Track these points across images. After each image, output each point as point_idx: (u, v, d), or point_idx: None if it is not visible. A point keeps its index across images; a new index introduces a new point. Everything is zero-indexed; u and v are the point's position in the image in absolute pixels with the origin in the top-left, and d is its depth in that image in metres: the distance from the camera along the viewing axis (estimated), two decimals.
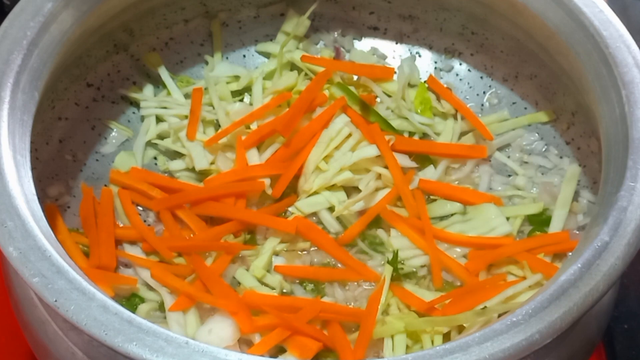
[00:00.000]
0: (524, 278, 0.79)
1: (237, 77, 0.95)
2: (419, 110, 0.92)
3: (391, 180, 0.84)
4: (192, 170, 0.87)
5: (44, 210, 0.66)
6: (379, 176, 0.85)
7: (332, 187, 0.85)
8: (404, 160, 0.86)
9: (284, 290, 0.80)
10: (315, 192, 0.85)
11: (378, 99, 0.92)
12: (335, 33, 0.99)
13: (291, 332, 0.73)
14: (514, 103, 0.94)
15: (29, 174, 0.68)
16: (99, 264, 0.79)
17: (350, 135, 0.86)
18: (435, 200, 0.86)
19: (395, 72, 0.95)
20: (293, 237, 0.83)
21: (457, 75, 0.97)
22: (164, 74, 0.93)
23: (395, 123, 0.89)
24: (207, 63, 0.96)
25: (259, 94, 0.91)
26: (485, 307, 0.74)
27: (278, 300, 0.77)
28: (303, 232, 0.82)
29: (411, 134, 0.90)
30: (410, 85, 0.95)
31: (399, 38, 0.98)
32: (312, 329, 0.73)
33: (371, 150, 0.85)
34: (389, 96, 0.93)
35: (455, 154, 0.89)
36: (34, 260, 0.60)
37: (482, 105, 0.95)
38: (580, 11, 0.77)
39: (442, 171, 0.88)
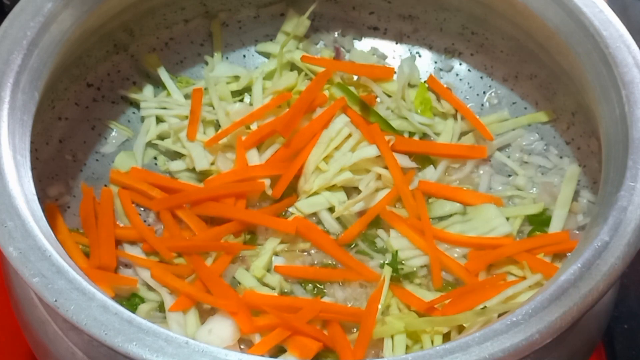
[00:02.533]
0: (524, 278, 0.79)
1: (237, 77, 0.94)
2: (419, 111, 0.92)
3: (391, 181, 0.84)
4: (193, 170, 0.87)
5: (44, 210, 0.66)
6: (379, 176, 0.85)
7: (332, 188, 0.85)
8: (404, 161, 0.86)
9: (284, 290, 0.80)
10: (315, 193, 0.84)
11: (378, 99, 0.92)
12: (335, 33, 0.99)
13: (291, 332, 0.72)
14: (514, 103, 0.94)
15: (29, 174, 0.68)
16: (99, 264, 0.79)
17: (350, 135, 0.86)
18: (435, 200, 0.86)
19: (395, 72, 0.95)
20: (293, 237, 0.83)
21: (457, 75, 0.97)
22: (163, 75, 0.93)
23: (395, 123, 0.89)
24: (207, 63, 0.96)
25: (259, 94, 0.91)
26: (485, 307, 0.74)
27: (278, 300, 0.77)
28: (303, 233, 0.82)
29: (411, 134, 0.90)
30: (410, 85, 0.94)
31: (399, 38, 0.98)
32: (312, 329, 0.73)
33: (371, 151, 0.85)
34: (389, 96, 0.93)
35: (455, 154, 0.89)
36: (34, 260, 0.60)
37: (482, 105, 0.95)
38: (580, 11, 0.77)
39: (442, 171, 0.88)
